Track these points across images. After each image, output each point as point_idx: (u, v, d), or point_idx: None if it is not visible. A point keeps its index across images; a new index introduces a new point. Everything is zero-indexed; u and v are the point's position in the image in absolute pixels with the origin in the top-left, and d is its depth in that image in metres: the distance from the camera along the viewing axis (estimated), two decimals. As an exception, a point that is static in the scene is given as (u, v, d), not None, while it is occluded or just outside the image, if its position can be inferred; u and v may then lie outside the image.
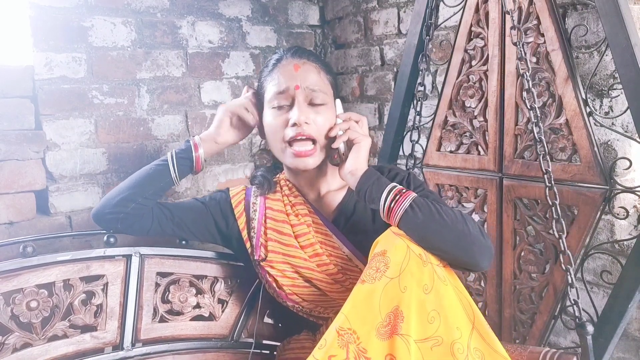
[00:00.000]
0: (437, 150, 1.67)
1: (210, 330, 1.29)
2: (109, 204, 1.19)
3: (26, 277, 1.12)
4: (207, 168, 2.01)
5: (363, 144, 1.11)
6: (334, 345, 0.89)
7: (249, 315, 1.34)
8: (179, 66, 1.92)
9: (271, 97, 1.16)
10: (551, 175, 1.29)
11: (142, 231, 1.20)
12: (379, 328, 0.89)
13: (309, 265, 1.15)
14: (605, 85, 1.40)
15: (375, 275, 0.93)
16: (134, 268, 1.22)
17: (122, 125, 1.81)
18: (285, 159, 1.16)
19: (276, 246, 1.18)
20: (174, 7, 1.90)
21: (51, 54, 1.66)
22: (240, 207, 1.25)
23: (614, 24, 1.25)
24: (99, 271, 1.20)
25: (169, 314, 1.26)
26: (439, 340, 0.90)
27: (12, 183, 1.58)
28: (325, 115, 1.14)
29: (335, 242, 1.17)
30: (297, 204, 1.21)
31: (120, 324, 1.20)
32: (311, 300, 1.17)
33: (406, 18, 1.95)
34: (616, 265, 1.37)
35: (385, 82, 2.08)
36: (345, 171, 1.10)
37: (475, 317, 0.95)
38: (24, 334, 1.11)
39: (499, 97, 1.50)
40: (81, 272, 1.18)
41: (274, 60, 1.19)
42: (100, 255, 1.21)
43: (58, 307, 1.15)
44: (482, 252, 1.01)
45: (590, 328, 1.18)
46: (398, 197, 1.01)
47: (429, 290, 0.92)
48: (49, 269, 1.14)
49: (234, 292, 1.33)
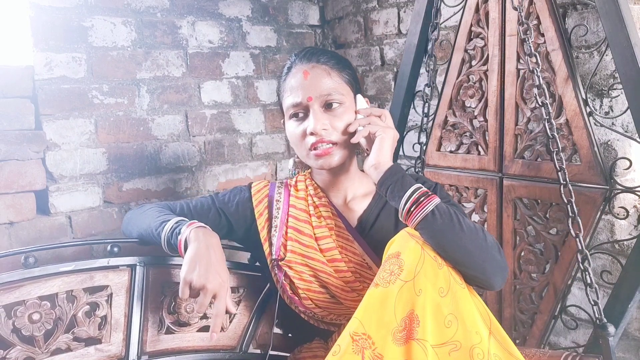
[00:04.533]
0: (437, 150, 1.67)
1: (217, 342, 1.25)
2: (128, 233, 1.26)
3: (28, 288, 1.08)
4: (207, 168, 2.01)
5: (385, 136, 1.07)
6: (349, 351, 0.86)
7: (257, 325, 1.30)
8: (179, 66, 1.92)
9: (287, 108, 1.15)
10: (565, 173, 1.26)
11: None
12: (395, 333, 0.86)
13: (327, 269, 1.12)
14: (605, 85, 1.40)
15: (389, 279, 0.90)
16: (138, 278, 1.19)
17: (122, 125, 1.81)
18: (310, 162, 1.15)
19: (296, 246, 1.15)
20: (174, 7, 1.90)
21: (51, 54, 1.66)
22: (261, 207, 1.22)
23: (614, 24, 1.25)
24: (102, 282, 1.16)
25: (175, 325, 1.22)
26: (457, 345, 0.87)
27: (12, 183, 1.58)
28: (343, 117, 1.11)
29: (357, 248, 1.13)
30: (320, 206, 1.18)
31: (125, 336, 1.17)
32: (324, 307, 1.14)
33: (406, 18, 1.95)
34: (616, 265, 1.37)
35: (385, 82, 2.08)
36: (367, 164, 1.07)
37: (491, 321, 0.93)
38: (26, 347, 1.07)
39: (499, 97, 1.50)
40: (84, 282, 1.14)
41: (286, 68, 1.18)
42: (104, 265, 1.17)
43: (61, 319, 1.11)
44: (496, 270, 0.98)
45: (612, 329, 1.15)
46: (422, 199, 0.98)
47: (445, 293, 0.89)
48: (52, 279, 1.11)
49: (241, 301, 1.29)
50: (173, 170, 1.93)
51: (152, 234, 1.15)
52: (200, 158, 1.99)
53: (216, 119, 2.02)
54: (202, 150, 1.99)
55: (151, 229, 1.15)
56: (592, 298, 1.20)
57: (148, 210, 1.22)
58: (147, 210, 1.22)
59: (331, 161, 1.11)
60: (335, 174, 1.18)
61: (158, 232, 1.13)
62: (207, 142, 2.01)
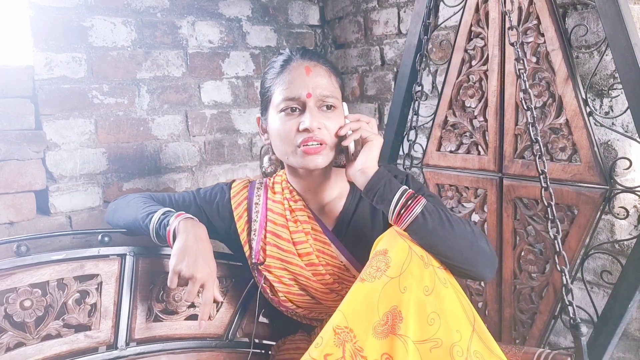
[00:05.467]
0: (437, 150, 1.67)
1: (205, 330, 1.29)
2: (113, 224, 1.27)
3: (20, 276, 1.11)
4: (207, 168, 2.01)
5: (375, 142, 1.08)
6: (330, 343, 0.89)
7: (243, 314, 1.33)
8: (179, 66, 1.93)
9: (280, 101, 1.11)
10: (547, 176, 1.28)
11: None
12: (375, 327, 0.89)
13: (305, 273, 1.14)
14: (605, 85, 1.40)
15: (375, 274, 0.92)
16: (128, 267, 1.21)
17: (122, 125, 1.81)
18: (294, 160, 1.11)
19: (274, 251, 1.16)
20: (174, 7, 1.90)
21: (51, 54, 1.66)
22: (240, 209, 1.21)
23: (614, 24, 1.25)
24: (93, 270, 1.19)
25: (163, 313, 1.25)
26: (438, 342, 0.89)
27: (12, 183, 1.58)
28: (335, 120, 1.11)
29: (334, 251, 1.15)
30: (297, 210, 1.18)
31: (114, 323, 1.20)
32: (305, 307, 1.16)
33: (406, 18, 1.95)
34: (616, 265, 1.37)
35: (385, 82, 2.08)
36: (354, 169, 1.07)
37: (475, 320, 0.95)
38: (17, 333, 1.11)
39: (499, 97, 1.50)
40: (75, 271, 1.17)
41: (282, 61, 1.14)
42: (94, 255, 1.20)
43: (52, 306, 1.14)
44: (487, 263, 1.01)
45: (584, 329, 1.18)
46: (410, 201, 0.99)
47: (430, 292, 0.91)
48: (43, 268, 1.14)
49: (228, 291, 1.32)
50: (173, 170, 1.93)
51: (139, 225, 1.16)
52: (200, 158, 1.99)
53: (216, 119, 2.02)
54: (202, 150, 2.00)
55: (137, 221, 1.17)
56: (567, 298, 1.24)
57: (132, 200, 1.23)
58: (132, 200, 1.23)
59: (317, 161, 1.09)
60: (314, 178, 1.16)
61: (145, 223, 1.14)
62: (207, 142, 2.01)
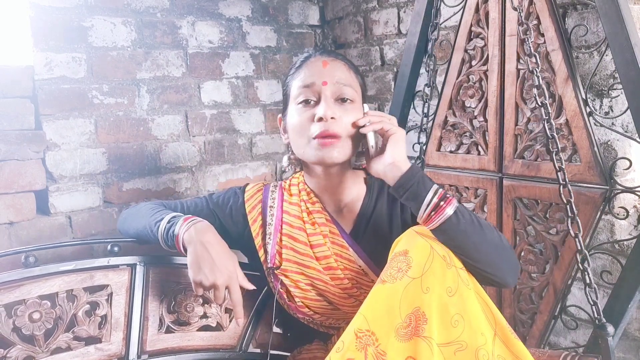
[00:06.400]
0: (437, 150, 1.67)
1: (217, 341, 1.25)
2: (125, 233, 1.25)
3: (28, 287, 1.08)
4: (207, 168, 2.01)
5: (399, 135, 1.03)
6: (352, 348, 0.85)
7: (257, 325, 1.30)
8: (179, 66, 1.92)
9: (296, 92, 1.08)
10: (565, 173, 1.25)
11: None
12: (398, 329, 0.86)
13: (323, 277, 1.10)
14: (605, 85, 1.40)
15: (396, 275, 0.89)
16: (138, 277, 1.19)
17: (122, 125, 1.81)
18: (310, 152, 1.06)
19: (291, 254, 1.12)
20: (174, 7, 1.90)
21: (51, 54, 1.66)
22: (254, 213, 1.18)
23: (614, 24, 1.25)
24: (103, 281, 1.17)
25: (175, 325, 1.22)
26: (462, 345, 0.86)
27: (12, 183, 1.58)
28: (352, 113, 1.06)
29: (352, 255, 1.11)
30: (314, 212, 1.14)
31: (125, 335, 1.17)
32: (322, 313, 1.13)
33: (406, 18, 1.95)
34: (616, 265, 1.37)
35: (385, 82, 2.08)
36: (383, 163, 1.01)
37: (497, 323, 0.93)
38: (26, 346, 1.07)
39: (499, 97, 1.50)
40: (85, 282, 1.14)
41: (302, 58, 1.13)
42: (104, 265, 1.17)
43: (61, 318, 1.11)
44: (511, 269, 0.99)
45: (611, 329, 1.15)
46: (442, 201, 0.95)
47: (453, 293, 0.89)
48: (52, 279, 1.11)
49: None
50: (173, 170, 1.93)
51: (149, 234, 1.15)
52: (200, 158, 1.99)
53: (216, 119, 2.02)
54: (202, 150, 2.00)
55: (146, 230, 1.15)
56: (591, 298, 1.19)
57: (142, 208, 1.22)
58: (142, 208, 1.22)
59: (332, 154, 1.04)
60: (331, 177, 1.13)
61: (154, 232, 1.13)
62: (207, 142, 2.01)
